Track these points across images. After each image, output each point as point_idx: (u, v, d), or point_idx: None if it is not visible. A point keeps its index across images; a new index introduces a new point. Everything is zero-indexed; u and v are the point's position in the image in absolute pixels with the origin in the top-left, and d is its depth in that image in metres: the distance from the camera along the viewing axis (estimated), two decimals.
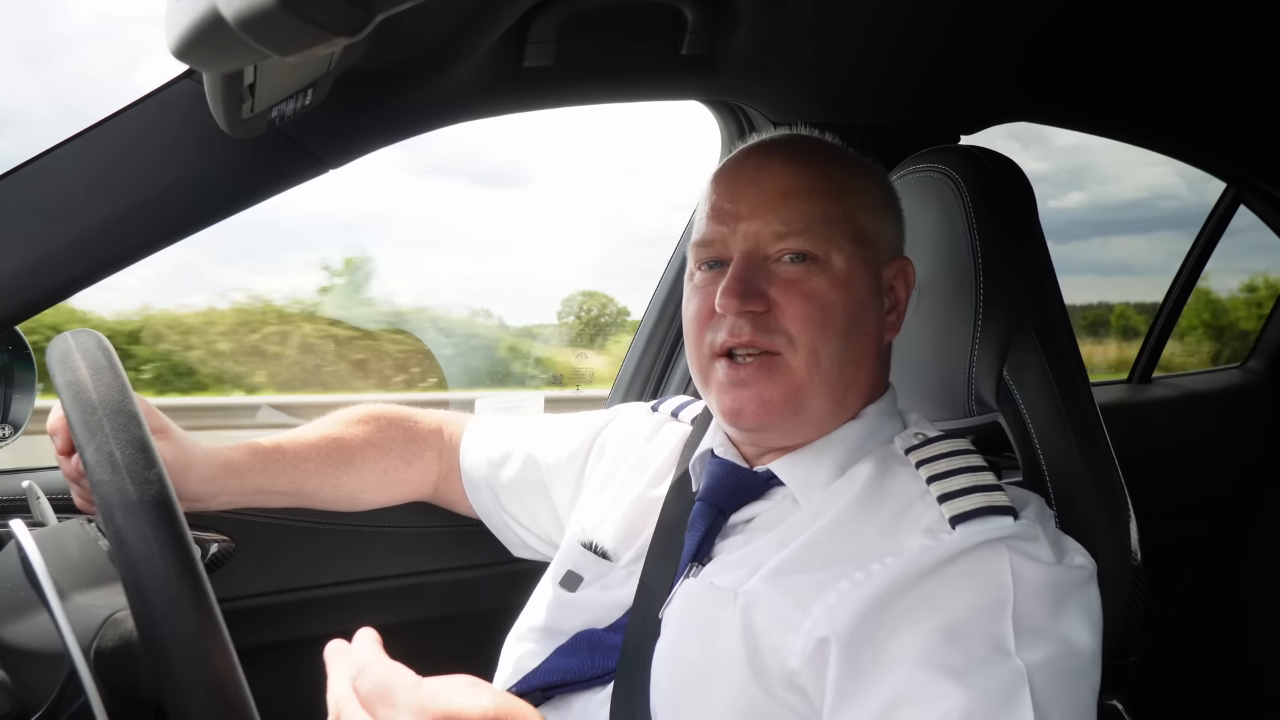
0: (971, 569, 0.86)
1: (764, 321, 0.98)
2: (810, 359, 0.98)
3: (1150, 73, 1.73)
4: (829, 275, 0.99)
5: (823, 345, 0.98)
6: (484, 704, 0.67)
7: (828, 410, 1.02)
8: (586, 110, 1.46)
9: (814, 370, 0.99)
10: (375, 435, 1.35)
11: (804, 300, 0.98)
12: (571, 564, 1.15)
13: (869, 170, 1.08)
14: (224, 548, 1.30)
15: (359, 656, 0.72)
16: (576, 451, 1.31)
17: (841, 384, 1.01)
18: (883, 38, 1.48)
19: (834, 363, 0.99)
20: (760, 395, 0.99)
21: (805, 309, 0.98)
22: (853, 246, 1.00)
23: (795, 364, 0.99)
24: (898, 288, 1.06)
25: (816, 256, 0.99)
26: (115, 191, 1.12)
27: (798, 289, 0.99)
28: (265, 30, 0.49)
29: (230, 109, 0.92)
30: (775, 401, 0.99)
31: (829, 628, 0.85)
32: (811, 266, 0.99)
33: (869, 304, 1.02)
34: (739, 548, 1.00)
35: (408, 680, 0.68)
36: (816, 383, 0.99)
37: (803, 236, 0.99)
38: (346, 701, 0.69)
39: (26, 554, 0.87)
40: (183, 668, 0.73)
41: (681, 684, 0.93)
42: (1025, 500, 0.97)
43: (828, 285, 0.99)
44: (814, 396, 1.00)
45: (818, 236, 0.99)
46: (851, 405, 1.04)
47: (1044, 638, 0.84)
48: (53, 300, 1.13)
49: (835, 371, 1.00)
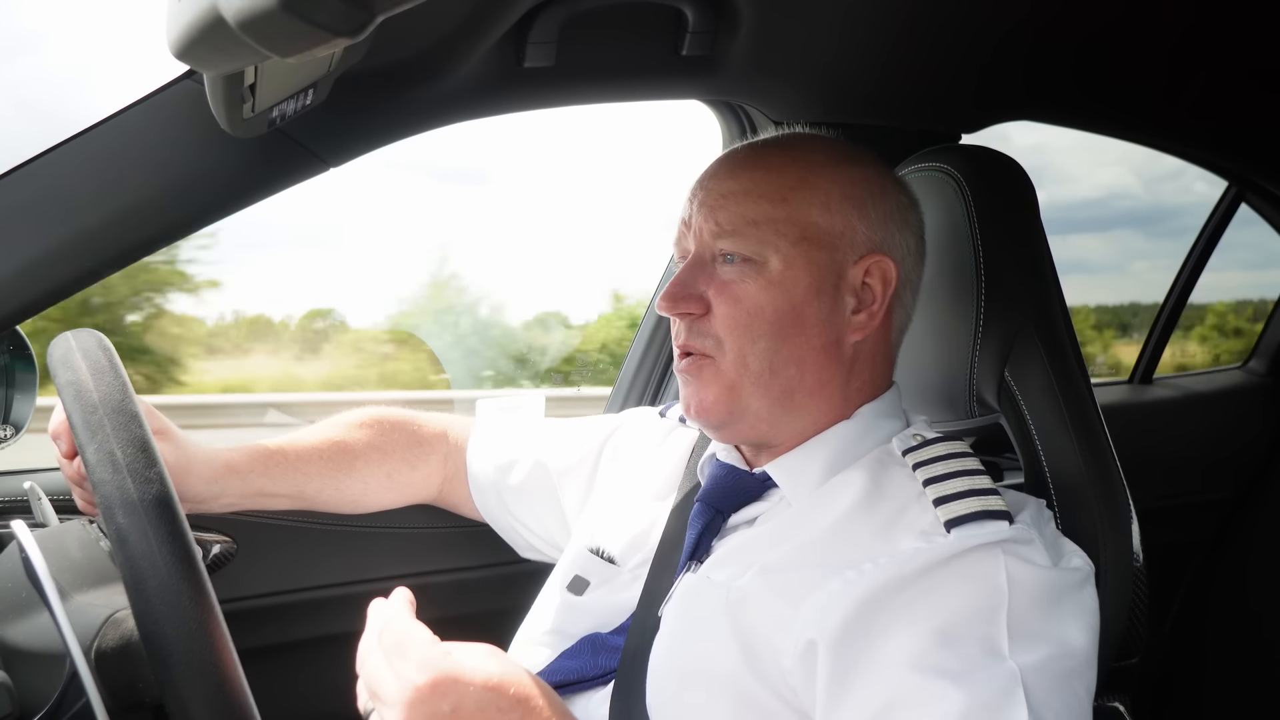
0: (966, 572, 0.86)
1: (698, 326, 1.02)
2: (738, 361, 1.00)
3: (1152, 71, 1.73)
4: (762, 278, 1.00)
5: (749, 347, 1.00)
6: (490, 669, 0.73)
7: (772, 410, 1.02)
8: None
9: (742, 372, 1.00)
10: (378, 439, 1.35)
11: (732, 303, 1.00)
12: (579, 569, 1.15)
13: (840, 169, 1.05)
14: (225, 548, 1.30)
15: (388, 613, 0.78)
16: (587, 456, 1.31)
17: (778, 385, 1.01)
18: (883, 37, 1.48)
19: (763, 364, 1.00)
20: (698, 394, 1.02)
21: (731, 312, 1.00)
22: (794, 247, 1.00)
23: (724, 366, 1.01)
24: (873, 285, 1.03)
25: (751, 259, 1.00)
26: (116, 191, 1.12)
27: (729, 292, 1.00)
28: (266, 31, 0.49)
29: (231, 109, 0.92)
30: (709, 401, 1.02)
31: (817, 630, 0.86)
32: (745, 268, 1.00)
33: (813, 304, 1.01)
34: (736, 546, 1.01)
35: (424, 637, 0.75)
36: (748, 384, 1.01)
37: (734, 238, 1.00)
38: (370, 654, 0.76)
39: (28, 555, 0.88)
40: (184, 668, 0.73)
41: (677, 677, 0.93)
42: (1022, 504, 0.97)
43: (758, 288, 1.00)
44: (749, 397, 1.01)
45: (749, 238, 1.00)
46: (806, 403, 1.03)
47: (1038, 640, 0.83)
48: (54, 299, 1.13)
49: (767, 373, 1.00)
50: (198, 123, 1.07)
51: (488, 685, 0.72)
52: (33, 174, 1.10)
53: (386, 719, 0.73)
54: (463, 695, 0.71)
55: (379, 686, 0.74)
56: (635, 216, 6.62)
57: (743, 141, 1.12)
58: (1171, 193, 2.63)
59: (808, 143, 1.10)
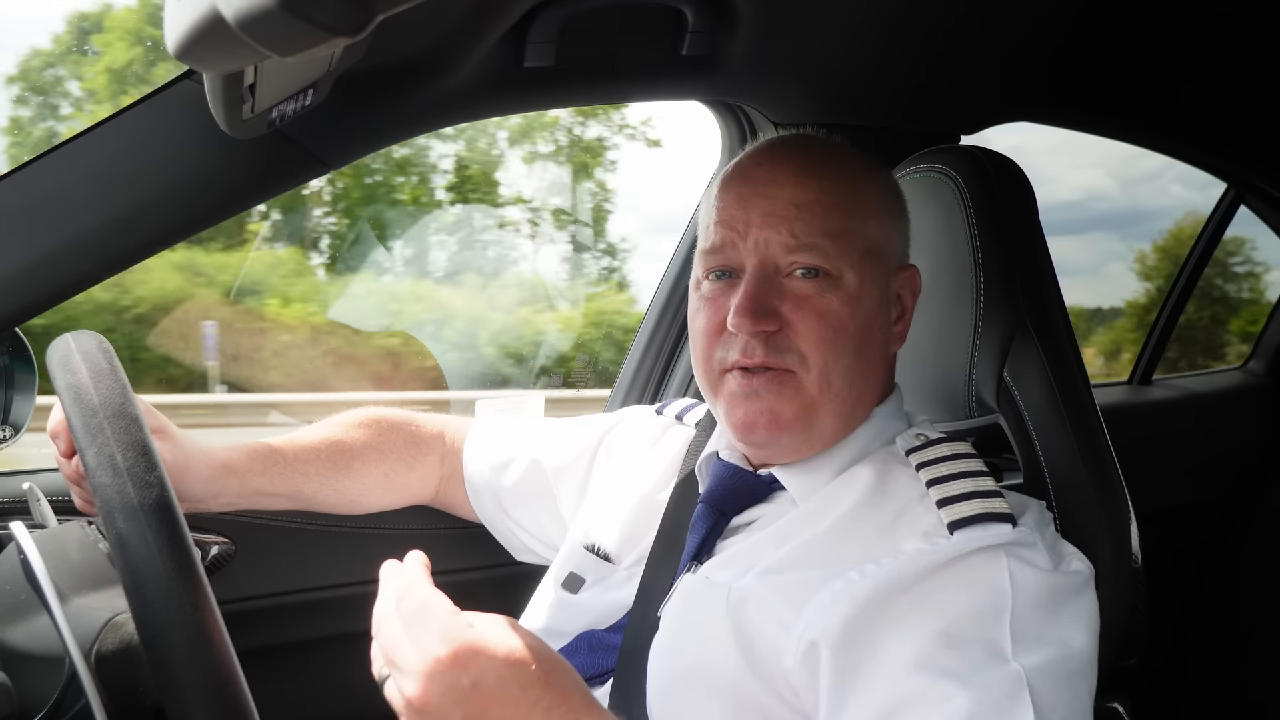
0: (969, 575, 0.86)
1: (777, 341, 0.97)
2: (822, 378, 0.97)
3: (1150, 72, 1.73)
4: (841, 292, 0.97)
5: (834, 364, 0.97)
6: (513, 643, 0.70)
7: (836, 426, 1.01)
8: None
9: (825, 389, 0.98)
10: (376, 439, 1.35)
11: (816, 318, 0.97)
12: (574, 566, 1.15)
13: (878, 177, 1.06)
14: (224, 550, 1.30)
15: (406, 578, 0.75)
16: (583, 455, 1.30)
17: (850, 400, 1.00)
18: (883, 38, 1.48)
19: (845, 380, 0.98)
20: (772, 409, 0.98)
21: (818, 327, 0.97)
22: (863, 260, 0.99)
23: (808, 382, 0.97)
24: (905, 296, 1.05)
25: (829, 272, 0.97)
26: (116, 192, 1.12)
27: (810, 306, 0.97)
28: (266, 31, 0.49)
29: (231, 109, 0.92)
30: (787, 417, 0.98)
31: (820, 630, 0.85)
32: (824, 282, 0.97)
33: (878, 317, 1.01)
34: (737, 547, 1.01)
35: (446, 607, 0.71)
36: (827, 400, 0.98)
37: (814, 251, 0.97)
38: (387, 620, 0.73)
39: (27, 556, 0.87)
40: (183, 671, 0.73)
41: (677, 677, 0.93)
42: (1025, 506, 0.97)
43: (840, 302, 0.97)
44: (825, 415, 0.99)
45: (829, 252, 0.97)
46: (859, 416, 1.03)
47: (1041, 642, 0.83)
48: (54, 301, 1.13)
49: (845, 389, 0.99)
50: (197, 123, 1.07)
51: (510, 659, 0.69)
52: (33, 175, 1.10)
53: (403, 687, 0.70)
54: (485, 669, 0.69)
55: (397, 654, 0.71)
56: None
57: (762, 142, 1.08)
58: (1149, 195, 2.61)
59: (840, 147, 1.07)
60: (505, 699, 0.68)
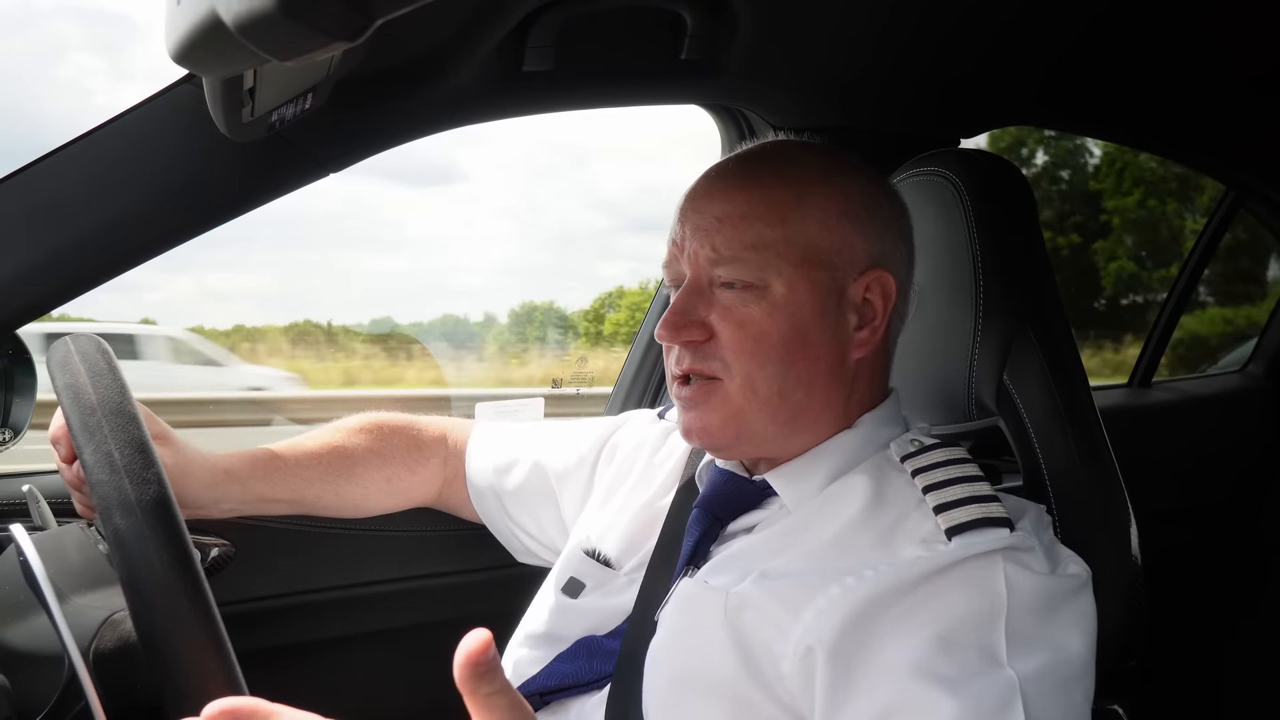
0: (966, 580, 0.86)
1: (703, 350, 0.99)
2: (746, 386, 0.98)
3: (1150, 76, 1.74)
4: (765, 302, 0.98)
5: (757, 372, 0.98)
6: None
7: (779, 433, 1.01)
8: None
9: (750, 397, 0.99)
10: (377, 443, 1.35)
11: (736, 329, 0.98)
12: (574, 571, 1.15)
13: (837, 183, 1.03)
14: (224, 552, 1.30)
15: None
16: (586, 457, 1.30)
17: (787, 408, 1.00)
18: (882, 42, 1.48)
19: (771, 389, 0.98)
20: (702, 419, 1.00)
21: (737, 337, 0.98)
22: (796, 270, 0.98)
23: (731, 390, 0.99)
24: (874, 300, 1.02)
25: (752, 284, 0.98)
26: (115, 195, 1.12)
27: (732, 317, 0.98)
28: (265, 35, 0.50)
29: (230, 113, 0.92)
30: (715, 426, 1.00)
31: (816, 636, 0.86)
32: (747, 294, 0.98)
33: (818, 326, 0.99)
34: (734, 553, 1.01)
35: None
36: (755, 409, 0.99)
37: (734, 264, 0.98)
38: None
39: (26, 557, 0.88)
40: (182, 670, 0.73)
41: (674, 681, 0.93)
42: (1022, 510, 0.97)
43: (763, 313, 0.98)
44: (755, 421, 1.00)
45: (749, 263, 0.98)
46: (824, 421, 1.02)
47: (1036, 647, 0.83)
48: (54, 304, 1.13)
49: (775, 397, 0.99)
50: (197, 127, 1.07)
51: None
52: (33, 178, 1.10)
53: None
54: None
55: None
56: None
57: (731, 153, 1.09)
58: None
59: (799, 156, 1.06)
60: None
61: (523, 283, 13.78)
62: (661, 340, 1.01)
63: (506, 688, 0.60)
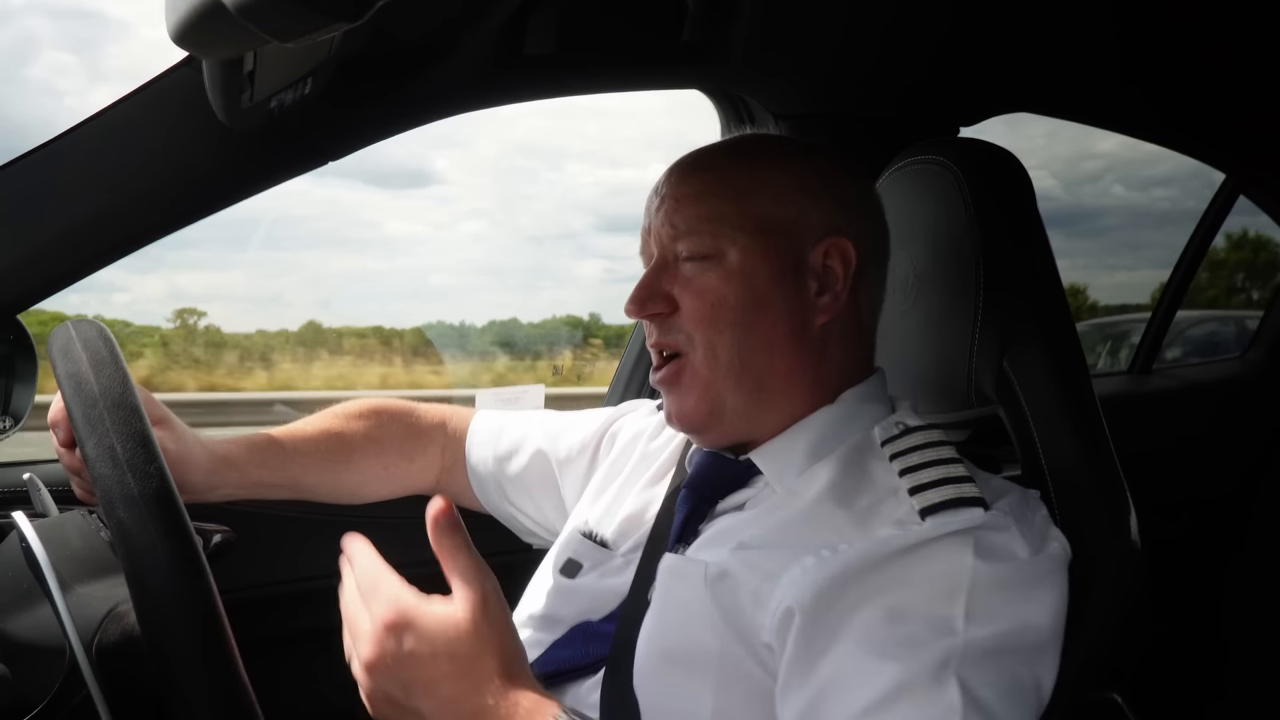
0: (932, 557, 0.87)
1: (668, 323, 1.04)
2: (709, 353, 1.02)
3: (1150, 64, 1.73)
4: (721, 269, 1.02)
5: (716, 338, 1.01)
6: (451, 616, 0.75)
7: (748, 403, 1.03)
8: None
9: (714, 365, 1.02)
10: (376, 430, 1.35)
11: (695, 296, 1.02)
12: (572, 551, 1.16)
13: (790, 162, 1.07)
14: (226, 538, 1.30)
15: (360, 560, 0.83)
16: (587, 444, 1.31)
17: (750, 374, 1.02)
18: (881, 29, 1.47)
19: (732, 354, 1.01)
20: (677, 402, 1.05)
21: (696, 305, 1.02)
22: (751, 238, 1.02)
23: (696, 361, 1.03)
24: (834, 266, 1.04)
25: (709, 255, 1.02)
26: (114, 181, 1.12)
27: (691, 287, 1.03)
28: (265, 16, 0.49)
29: (229, 98, 0.92)
30: (689, 408, 1.04)
31: (795, 597, 0.86)
32: (705, 264, 1.02)
33: (774, 290, 1.02)
34: (721, 529, 1.02)
35: (393, 579, 0.80)
36: (720, 377, 1.02)
37: (691, 237, 1.03)
38: (349, 597, 0.82)
39: (29, 544, 0.87)
40: (184, 661, 0.73)
41: (662, 655, 0.94)
42: (1004, 491, 0.97)
43: (719, 279, 1.02)
44: (725, 393, 1.02)
45: (705, 235, 1.02)
46: (795, 390, 1.04)
47: (996, 620, 0.84)
48: (53, 289, 1.13)
49: (736, 362, 1.01)
50: (196, 112, 1.06)
51: (443, 631, 0.74)
52: (32, 164, 1.10)
53: (355, 650, 0.78)
54: (419, 638, 0.74)
55: (353, 623, 0.79)
56: None
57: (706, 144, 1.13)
58: (1091, 195, 2.60)
59: (758, 142, 1.13)
60: (435, 667, 0.74)
61: (501, 283, 13.85)
62: (629, 315, 1.06)
63: (467, 544, 0.78)
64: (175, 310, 6.40)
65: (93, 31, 48.92)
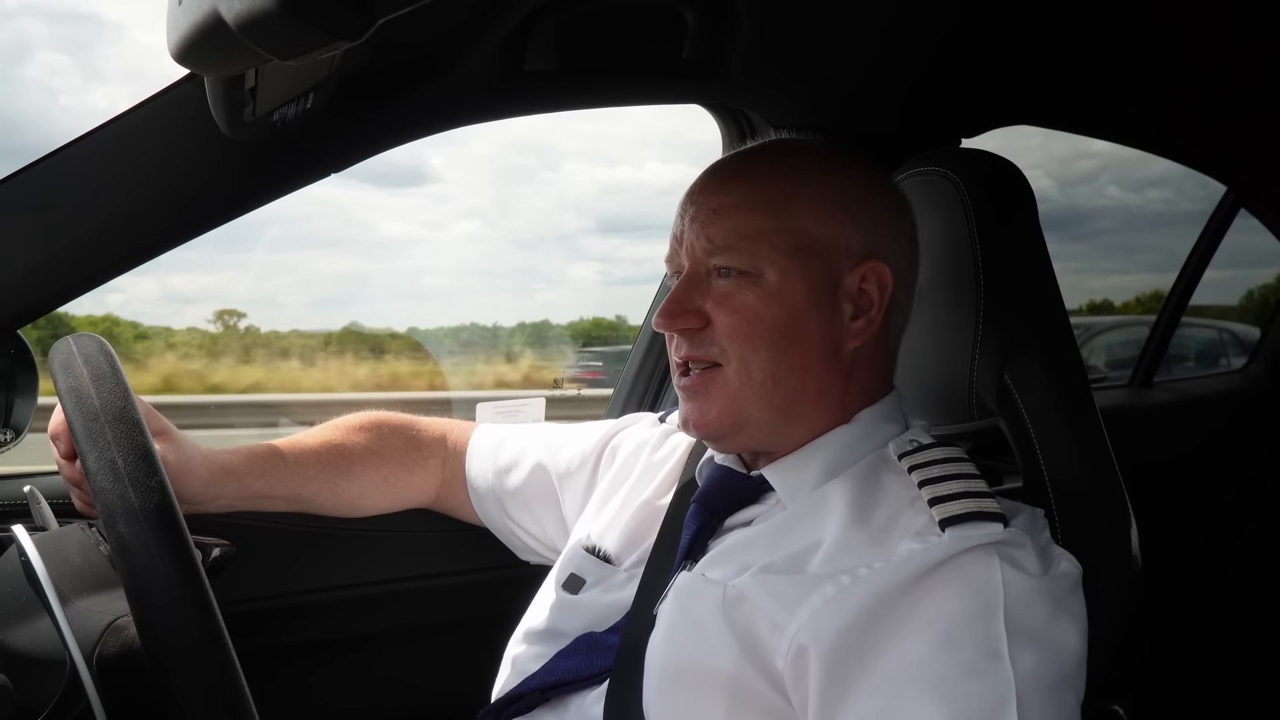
0: (961, 575, 0.86)
1: (700, 337, 1.02)
2: (742, 369, 1.01)
3: (1151, 76, 1.74)
4: (759, 289, 1.00)
5: (751, 356, 1.00)
6: None
7: (774, 421, 1.02)
8: None
9: (746, 381, 1.01)
10: (376, 442, 1.35)
11: (731, 314, 1.01)
12: (574, 567, 1.16)
13: (835, 176, 1.05)
14: (225, 552, 1.30)
15: None
16: (588, 458, 1.31)
17: (781, 394, 1.01)
18: (883, 42, 1.48)
19: (765, 374, 1.00)
20: (700, 409, 1.03)
21: (731, 323, 1.00)
22: (789, 258, 1.00)
23: (729, 375, 1.01)
24: (869, 290, 1.03)
25: (747, 271, 1.01)
26: (117, 195, 1.12)
27: (727, 303, 1.01)
28: (266, 34, 0.50)
29: (232, 113, 0.92)
30: (712, 416, 1.02)
31: (811, 635, 0.86)
32: (741, 281, 1.01)
33: (811, 313, 1.01)
34: (731, 546, 1.01)
35: None
36: (750, 394, 1.01)
37: (728, 253, 1.01)
38: None
39: (28, 558, 0.87)
40: (185, 675, 0.73)
41: (673, 674, 0.94)
42: (1016, 510, 0.97)
43: (756, 299, 1.00)
44: (752, 407, 1.01)
45: (743, 252, 1.00)
46: (820, 411, 1.03)
47: (1034, 641, 0.84)
48: (55, 304, 1.13)
49: (769, 382, 1.00)
50: (199, 127, 1.07)
51: None
52: (35, 178, 1.10)
53: None
54: None
55: None
56: None
57: (732, 151, 1.11)
58: (1086, 196, 2.57)
59: (796, 150, 1.10)
60: None
61: (494, 284, 13.82)
62: (659, 328, 1.04)
63: None
64: (216, 312, 6.38)
65: (88, 34, 49.15)
